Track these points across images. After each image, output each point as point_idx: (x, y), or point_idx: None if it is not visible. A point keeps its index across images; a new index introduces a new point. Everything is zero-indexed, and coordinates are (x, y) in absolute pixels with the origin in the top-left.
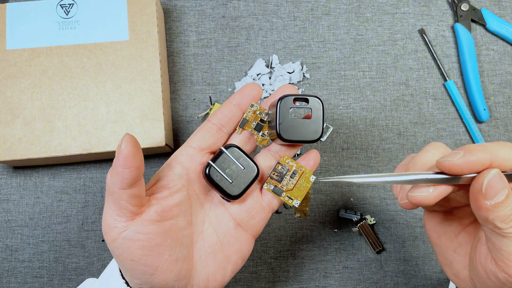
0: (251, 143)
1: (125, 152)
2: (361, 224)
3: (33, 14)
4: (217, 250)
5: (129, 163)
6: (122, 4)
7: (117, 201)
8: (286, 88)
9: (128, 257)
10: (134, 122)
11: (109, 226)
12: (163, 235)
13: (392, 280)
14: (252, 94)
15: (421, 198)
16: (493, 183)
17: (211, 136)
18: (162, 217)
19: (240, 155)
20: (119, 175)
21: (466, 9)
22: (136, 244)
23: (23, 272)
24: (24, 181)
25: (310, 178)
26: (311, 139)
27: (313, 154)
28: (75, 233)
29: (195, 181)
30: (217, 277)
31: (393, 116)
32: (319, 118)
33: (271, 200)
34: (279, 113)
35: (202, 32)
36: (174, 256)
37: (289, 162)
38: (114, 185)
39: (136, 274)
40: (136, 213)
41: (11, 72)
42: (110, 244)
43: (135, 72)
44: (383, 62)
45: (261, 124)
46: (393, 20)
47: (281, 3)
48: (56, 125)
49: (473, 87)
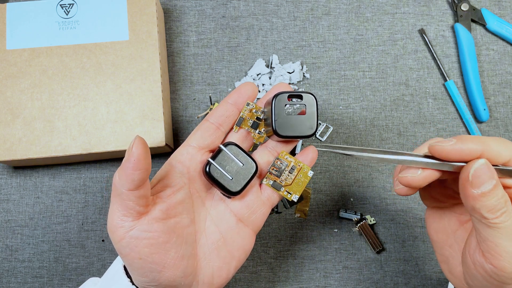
0: (248, 141)
1: (136, 154)
2: (361, 224)
3: (33, 14)
4: (220, 246)
5: (139, 165)
6: (122, 4)
7: (124, 202)
8: (280, 86)
9: (136, 256)
10: (134, 122)
11: (115, 225)
12: (169, 233)
13: (392, 280)
14: (248, 93)
15: (409, 179)
16: (480, 172)
17: (210, 135)
18: (167, 215)
19: (239, 152)
20: (129, 177)
21: (466, 9)
22: (143, 243)
23: (23, 272)
24: (24, 181)
25: (308, 173)
26: (306, 134)
27: (310, 149)
28: (75, 233)
29: (196, 179)
30: (221, 273)
31: (393, 116)
32: (313, 114)
33: (270, 195)
34: (274, 110)
35: (202, 32)
36: (180, 253)
37: (287, 157)
38: (122, 186)
39: (144, 272)
40: (142, 212)
41: (11, 72)
42: (117, 243)
43: (135, 72)
44: (383, 62)
45: (257, 122)
46: (393, 20)
47: (281, 3)
48: (56, 125)
49: (473, 87)
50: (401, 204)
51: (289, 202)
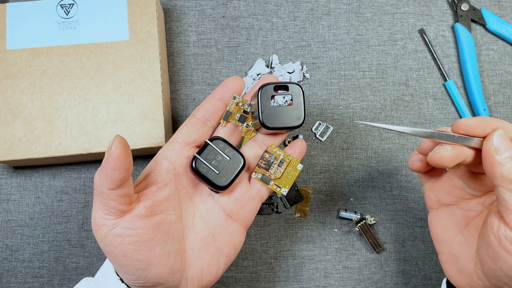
0: (236, 135)
1: (115, 154)
2: (361, 224)
3: (33, 14)
4: (209, 242)
5: (118, 165)
6: (122, 4)
7: (105, 201)
8: (266, 78)
9: (120, 254)
10: (134, 122)
11: (98, 224)
12: (154, 230)
13: (392, 280)
14: (234, 87)
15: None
16: (503, 139)
17: (196, 130)
18: (151, 212)
19: (225, 146)
20: (108, 176)
21: (466, 9)
22: (126, 240)
23: (23, 272)
24: (24, 181)
25: (298, 166)
26: (294, 125)
27: (299, 142)
28: (75, 233)
29: (183, 175)
30: (211, 269)
31: (393, 116)
32: (300, 104)
33: (259, 189)
34: (260, 102)
35: (202, 32)
36: (166, 250)
37: (276, 151)
38: (102, 186)
39: (129, 270)
40: (125, 211)
41: (11, 72)
42: (100, 242)
43: (135, 72)
44: (383, 62)
45: (244, 115)
46: (393, 20)
47: (281, 3)
48: (56, 125)
49: (473, 87)
50: (401, 204)
51: (289, 201)
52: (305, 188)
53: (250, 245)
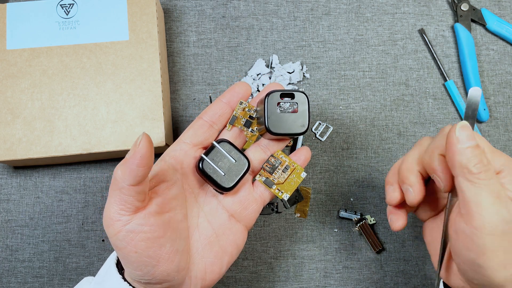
0: (240, 139)
1: (143, 151)
2: (361, 224)
3: (33, 14)
4: (213, 241)
5: (144, 162)
6: (122, 4)
7: (124, 196)
8: (272, 85)
9: (132, 250)
10: (134, 122)
11: (112, 219)
12: (164, 227)
13: (392, 280)
14: (242, 92)
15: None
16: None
17: (203, 132)
18: (162, 209)
19: (231, 149)
20: (133, 172)
21: (466, 9)
22: (139, 236)
23: (23, 272)
24: (24, 181)
25: (301, 174)
26: (299, 132)
27: (304, 150)
28: (75, 233)
29: (189, 175)
30: (214, 268)
31: (393, 116)
32: (305, 112)
33: (262, 192)
34: (267, 108)
35: (202, 32)
36: (174, 248)
37: (282, 157)
38: (124, 181)
39: (138, 266)
40: (140, 207)
41: (11, 72)
42: (112, 237)
43: (135, 72)
44: (383, 62)
45: (250, 120)
46: (393, 20)
47: (281, 3)
48: (56, 125)
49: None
50: None
51: (289, 201)
52: (305, 188)
53: (250, 245)
